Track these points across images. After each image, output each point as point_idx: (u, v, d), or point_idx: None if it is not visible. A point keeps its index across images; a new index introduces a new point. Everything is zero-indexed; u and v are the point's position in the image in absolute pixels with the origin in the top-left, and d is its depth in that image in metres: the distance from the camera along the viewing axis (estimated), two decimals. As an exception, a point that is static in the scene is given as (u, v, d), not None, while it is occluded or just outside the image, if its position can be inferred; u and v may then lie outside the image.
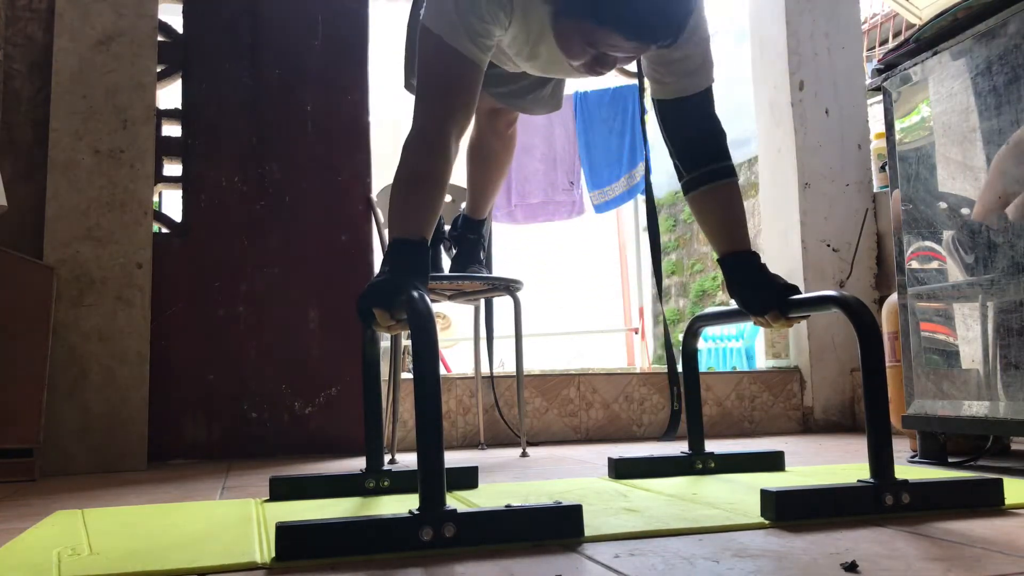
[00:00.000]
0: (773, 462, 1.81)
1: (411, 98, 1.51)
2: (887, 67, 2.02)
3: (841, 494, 1.20)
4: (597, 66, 1.35)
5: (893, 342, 2.12)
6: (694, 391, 1.75)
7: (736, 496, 1.39)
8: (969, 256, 1.78)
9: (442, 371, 3.84)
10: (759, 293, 1.48)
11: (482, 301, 2.65)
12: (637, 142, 3.27)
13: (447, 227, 2.33)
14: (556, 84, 1.93)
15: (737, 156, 1.71)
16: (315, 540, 0.98)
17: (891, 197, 2.01)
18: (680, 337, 1.81)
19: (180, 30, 2.59)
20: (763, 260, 1.54)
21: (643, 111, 3.30)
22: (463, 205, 2.39)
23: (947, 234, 1.85)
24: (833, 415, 3.19)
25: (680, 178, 1.58)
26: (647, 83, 1.60)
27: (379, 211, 2.56)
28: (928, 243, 1.91)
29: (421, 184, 1.34)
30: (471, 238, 2.27)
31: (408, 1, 1.81)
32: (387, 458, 2.16)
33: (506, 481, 1.76)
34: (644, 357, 5.63)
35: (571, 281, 6.73)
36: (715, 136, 1.54)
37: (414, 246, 1.28)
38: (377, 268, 1.77)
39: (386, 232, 2.40)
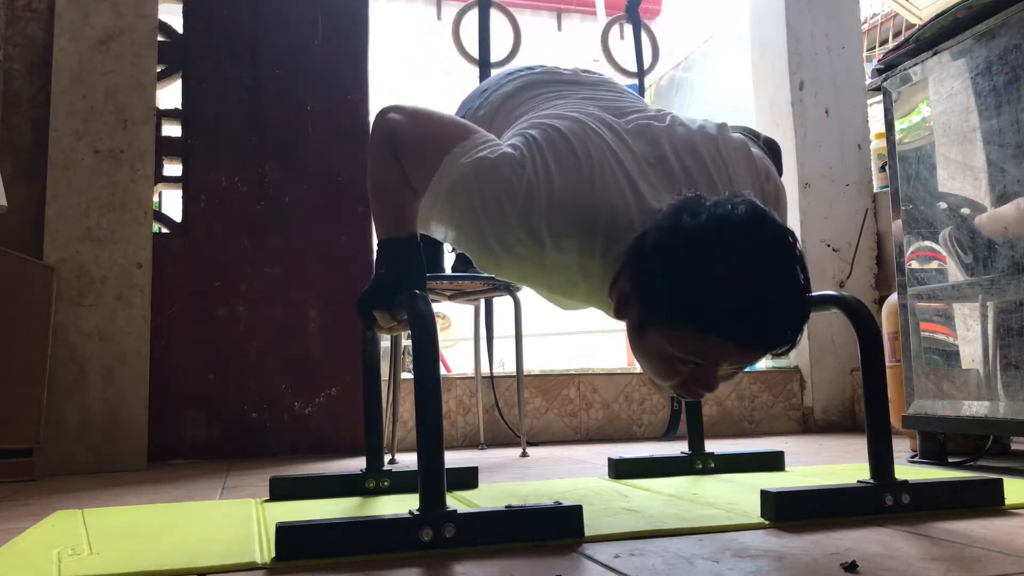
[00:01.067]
0: (773, 462, 1.81)
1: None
2: (887, 67, 2.02)
3: (841, 494, 1.20)
4: (694, 385, 1.08)
5: (893, 342, 2.12)
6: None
7: (736, 496, 1.39)
8: (967, 255, 1.78)
9: (442, 371, 3.83)
10: None
11: (482, 301, 2.65)
12: (637, 142, 3.27)
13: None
14: None
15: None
16: (315, 540, 0.98)
17: (891, 198, 2.01)
18: (680, 337, 1.80)
19: (180, 30, 2.59)
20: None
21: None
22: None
23: (945, 230, 1.85)
24: (833, 415, 3.19)
25: None
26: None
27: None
28: (928, 243, 1.91)
29: (401, 190, 1.31)
30: (474, 239, 2.27)
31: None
32: (387, 458, 2.16)
33: (506, 481, 1.76)
34: (644, 357, 5.62)
35: (571, 281, 6.70)
36: None
37: (406, 243, 1.26)
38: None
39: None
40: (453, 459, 2.05)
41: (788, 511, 1.16)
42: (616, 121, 1.19)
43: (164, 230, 2.55)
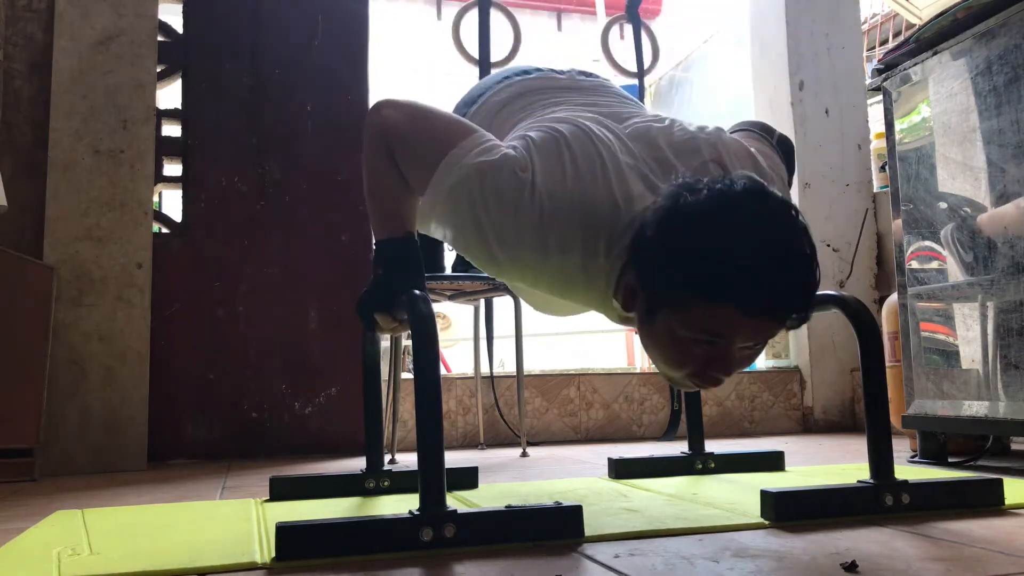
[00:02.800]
0: (773, 462, 1.81)
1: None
2: (887, 67, 2.02)
3: (841, 494, 1.20)
4: (710, 370, 1.03)
5: (893, 342, 2.12)
6: (694, 391, 1.75)
7: (736, 496, 1.39)
8: (968, 254, 1.78)
9: (442, 371, 3.83)
10: None
11: (482, 301, 2.65)
12: (637, 142, 3.27)
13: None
14: None
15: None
16: (315, 540, 0.98)
17: (891, 198, 2.01)
18: (680, 337, 1.80)
19: (180, 30, 2.59)
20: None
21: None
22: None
23: (946, 228, 1.85)
24: (833, 415, 3.19)
25: None
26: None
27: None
28: (928, 243, 1.91)
29: (398, 190, 1.29)
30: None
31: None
32: (387, 458, 2.16)
33: (506, 481, 1.76)
34: (644, 357, 5.63)
35: (571, 281, 6.70)
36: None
37: (403, 243, 1.25)
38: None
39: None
40: (453, 459, 2.05)
41: (788, 511, 1.16)
42: (616, 126, 1.19)
43: (164, 230, 2.55)
